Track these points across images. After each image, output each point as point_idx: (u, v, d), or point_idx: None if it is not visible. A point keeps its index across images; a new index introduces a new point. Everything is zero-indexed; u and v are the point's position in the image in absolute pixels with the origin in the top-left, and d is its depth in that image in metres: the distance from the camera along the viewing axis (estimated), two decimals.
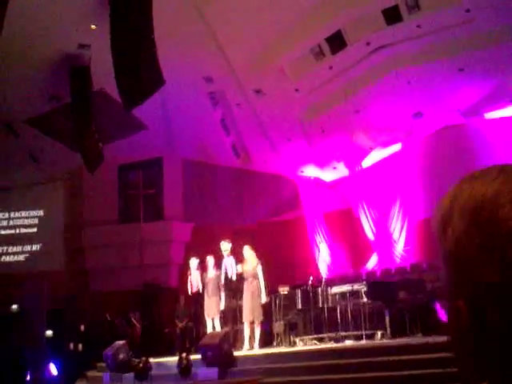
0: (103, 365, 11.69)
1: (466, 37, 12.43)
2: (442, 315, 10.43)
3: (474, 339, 0.79)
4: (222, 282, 11.96)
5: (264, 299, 11.50)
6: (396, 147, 16.78)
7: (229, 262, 11.97)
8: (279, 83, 14.19)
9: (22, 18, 10.99)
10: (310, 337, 12.03)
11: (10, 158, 16.05)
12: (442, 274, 0.86)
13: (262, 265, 11.59)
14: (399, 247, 16.31)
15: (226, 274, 11.98)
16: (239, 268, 11.74)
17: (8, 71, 12.55)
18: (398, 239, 16.39)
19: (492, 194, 0.78)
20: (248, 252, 11.68)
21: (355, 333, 11.39)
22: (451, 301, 0.83)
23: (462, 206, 0.81)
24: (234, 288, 12.01)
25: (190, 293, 12.73)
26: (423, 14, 12.03)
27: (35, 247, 18.37)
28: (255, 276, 11.46)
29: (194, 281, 12.60)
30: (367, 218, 17.14)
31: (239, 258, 11.86)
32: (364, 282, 12.19)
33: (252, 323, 11.39)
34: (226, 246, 12.09)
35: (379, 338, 11.07)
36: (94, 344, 13.73)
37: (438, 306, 10.98)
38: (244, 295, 11.53)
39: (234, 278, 11.83)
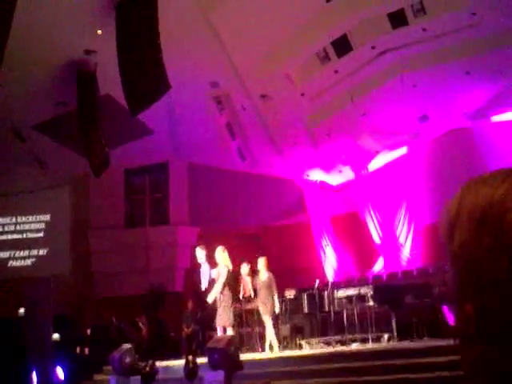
0: (110, 368, 11.71)
1: (471, 40, 12.43)
2: (450, 319, 10.42)
3: (482, 343, 0.79)
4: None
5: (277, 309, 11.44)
6: (402, 150, 16.77)
7: (205, 268, 11.14)
8: (285, 87, 14.20)
9: (28, 24, 11.04)
10: (317, 340, 12.03)
11: (16, 162, 16.11)
12: (450, 276, 0.86)
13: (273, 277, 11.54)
14: (405, 251, 16.29)
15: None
16: (212, 274, 11.01)
17: (14, 77, 12.61)
18: (404, 243, 16.37)
19: (499, 197, 0.79)
20: (261, 264, 11.66)
21: (362, 336, 11.39)
22: (459, 304, 0.83)
23: (469, 209, 0.82)
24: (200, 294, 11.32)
25: (241, 297, 12.63)
26: (429, 17, 12.03)
27: (42, 252, 18.39)
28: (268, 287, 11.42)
29: (247, 286, 12.52)
30: (373, 221, 17.13)
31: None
32: (370, 286, 12.19)
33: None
34: (200, 253, 11.18)
35: (386, 342, 11.07)
36: (100, 347, 13.74)
37: (445, 309, 10.97)
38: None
39: (207, 285, 11.06)
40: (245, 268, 12.60)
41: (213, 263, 11.28)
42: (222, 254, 11.07)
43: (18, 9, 9.42)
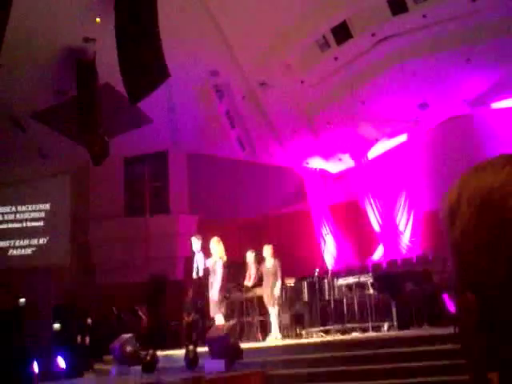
0: (110, 357, 11.75)
1: (472, 27, 12.36)
2: (451, 306, 10.43)
3: (483, 330, 0.79)
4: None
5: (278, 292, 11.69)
6: (402, 138, 16.74)
7: (200, 257, 11.53)
8: (284, 75, 14.16)
9: (26, 12, 10.98)
10: (317, 329, 12.05)
11: (16, 152, 16.07)
12: (450, 264, 0.86)
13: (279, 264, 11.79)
14: (405, 239, 16.30)
15: (198, 269, 11.60)
16: (207, 263, 11.36)
17: (13, 66, 12.55)
18: (403, 231, 16.38)
19: (499, 183, 0.79)
20: (267, 252, 11.89)
21: (361, 325, 11.40)
22: (460, 292, 0.83)
23: (469, 196, 0.82)
24: (200, 283, 11.63)
25: (245, 284, 12.68)
26: (429, 4, 11.96)
27: (42, 241, 18.41)
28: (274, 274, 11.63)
29: (252, 274, 12.55)
30: (373, 209, 17.13)
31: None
32: (370, 274, 12.20)
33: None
34: (195, 243, 11.55)
35: (386, 330, 11.08)
36: (101, 337, 13.78)
37: (446, 296, 10.98)
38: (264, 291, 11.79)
39: (201, 273, 11.49)
40: (250, 255, 12.63)
41: (208, 253, 11.35)
42: (217, 245, 11.10)
43: None
